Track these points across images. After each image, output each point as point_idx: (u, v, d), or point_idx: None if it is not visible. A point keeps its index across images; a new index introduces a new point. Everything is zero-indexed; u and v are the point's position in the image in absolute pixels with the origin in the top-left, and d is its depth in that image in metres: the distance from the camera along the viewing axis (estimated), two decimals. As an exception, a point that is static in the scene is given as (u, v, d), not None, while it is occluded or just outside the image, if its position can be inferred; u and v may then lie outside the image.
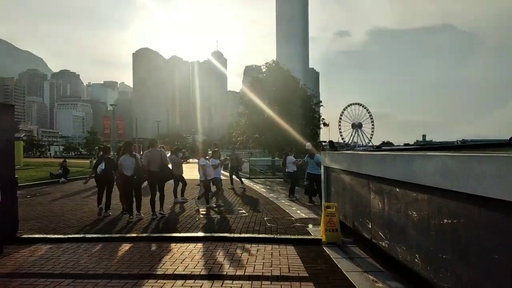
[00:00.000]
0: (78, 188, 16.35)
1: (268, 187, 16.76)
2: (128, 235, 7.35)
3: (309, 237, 7.10)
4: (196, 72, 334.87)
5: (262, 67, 26.96)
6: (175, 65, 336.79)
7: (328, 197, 8.41)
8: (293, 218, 8.96)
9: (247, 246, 6.57)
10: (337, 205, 6.88)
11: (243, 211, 10.01)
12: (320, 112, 26.85)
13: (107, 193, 9.71)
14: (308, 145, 16.78)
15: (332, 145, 16.27)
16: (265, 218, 8.93)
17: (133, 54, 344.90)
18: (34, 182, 17.57)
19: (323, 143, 16.45)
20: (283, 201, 12.11)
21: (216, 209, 10.34)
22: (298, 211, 10.10)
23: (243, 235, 7.17)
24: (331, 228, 6.71)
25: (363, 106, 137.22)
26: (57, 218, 9.27)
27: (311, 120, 26.04)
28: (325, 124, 26.73)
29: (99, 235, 7.32)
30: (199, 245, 6.66)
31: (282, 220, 8.70)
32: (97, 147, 23.42)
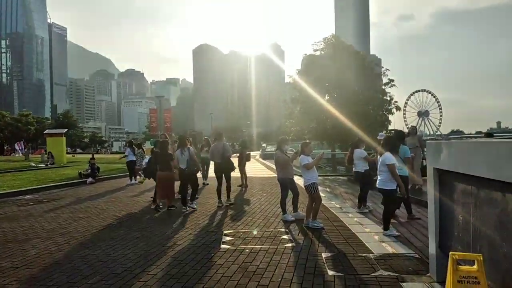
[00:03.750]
0: (101, 190, 13.83)
1: (327, 189, 13.03)
2: None
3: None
4: (253, 65, 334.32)
5: (319, 43, 22.86)
6: (233, 59, 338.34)
7: (447, 235, 4.34)
8: (371, 257, 5.27)
9: None
10: (481, 258, 3.13)
11: (288, 236, 6.50)
12: (392, 94, 22.18)
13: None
14: (381, 135, 12.72)
15: (415, 133, 12.14)
16: (323, 256, 5.34)
17: (193, 50, 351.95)
18: (57, 183, 15.37)
19: (410, 129, 12.08)
20: (351, 215, 8.37)
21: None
22: (377, 237, 6.37)
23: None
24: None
25: (429, 93, 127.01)
26: (19, 246, 6.37)
27: (380, 104, 21.59)
28: (397, 108, 22.05)
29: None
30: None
31: (354, 261, 5.06)
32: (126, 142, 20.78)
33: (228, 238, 6.37)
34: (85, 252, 5.80)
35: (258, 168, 25.84)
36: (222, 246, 5.91)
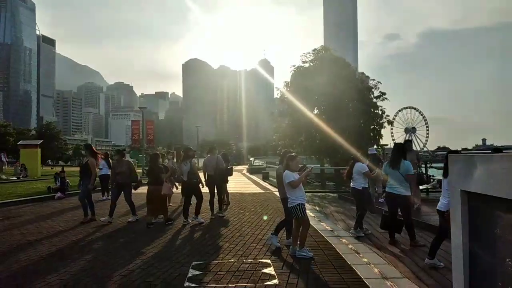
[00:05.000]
0: (68, 206, 12.48)
1: (316, 208, 11.90)
2: None
3: None
4: (243, 80, 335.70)
5: (308, 55, 21.93)
6: (223, 74, 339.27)
7: (475, 282, 3.19)
8: (375, 302, 4.11)
9: None
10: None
11: (270, 270, 5.30)
12: (383, 107, 21.24)
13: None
14: (372, 150, 11.71)
15: (411, 149, 11.15)
16: (313, 300, 4.18)
17: (183, 65, 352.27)
18: (21, 198, 13.96)
19: (407, 144, 10.99)
20: (344, 240, 7.22)
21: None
22: (377, 270, 5.23)
23: None
24: None
25: (416, 110, 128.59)
26: None
27: (372, 118, 20.65)
28: (389, 122, 21.13)
29: None
30: None
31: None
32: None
33: (195, 273, 5.15)
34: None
35: (244, 183, 24.65)
36: (186, 284, 4.70)
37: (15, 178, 23.90)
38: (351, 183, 8.05)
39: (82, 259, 5.96)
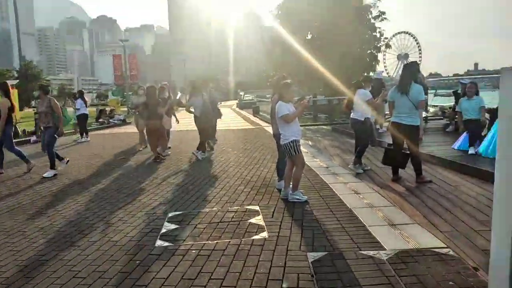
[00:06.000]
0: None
1: (309, 142, 11.15)
2: None
3: None
4: (231, 8, 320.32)
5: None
6: (210, 2, 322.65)
7: None
8: (383, 258, 3.38)
9: None
10: None
11: (258, 219, 4.56)
12: (382, 29, 19.58)
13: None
14: (378, 73, 10.65)
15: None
16: (309, 258, 3.44)
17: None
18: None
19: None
20: (342, 178, 6.48)
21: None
22: (381, 214, 4.51)
23: None
24: None
25: (410, 35, 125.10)
26: None
27: (370, 41, 19.14)
28: (387, 46, 19.71)
29: None
30: None
31: (357, 270, 3.18)
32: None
33: (170, 227, 4.40)
34: None
35: (232, 118, 23.80)
36: (158, 243, 3.95)
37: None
38: (352, 113, 7.14)
39: (52, 211, 5.19)
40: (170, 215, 4.85)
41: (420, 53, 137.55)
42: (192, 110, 9.25)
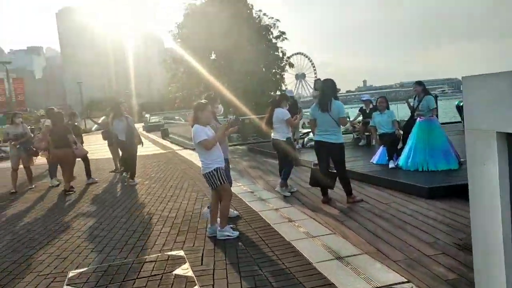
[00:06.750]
0: None
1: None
2: None
3: None
4: (128, 28, 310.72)
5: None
6: (105, 21, 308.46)
7: None
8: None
9: None
10: None
11: (185, 269, 3.75)
12: (284, 49, 20.07)
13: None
14: (289, 91, 10.69)
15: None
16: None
17: (56, 14, 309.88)
18: None
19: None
20: (271, 204, 5.94)
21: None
22: (323, 246, 4.04)
23: None
24: None
25: (305, 56, 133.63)
26: None
27: (273, 61, 19.39)
28: (290, 65, 20.20)
29: None
30: None
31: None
32: None
33: (70, 296, 3.38)
34: None
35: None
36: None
37: None
38: (272, 134, 6.71)
39: None
40: (70, 274, 3.79)
41: (315, 72, 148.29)
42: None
